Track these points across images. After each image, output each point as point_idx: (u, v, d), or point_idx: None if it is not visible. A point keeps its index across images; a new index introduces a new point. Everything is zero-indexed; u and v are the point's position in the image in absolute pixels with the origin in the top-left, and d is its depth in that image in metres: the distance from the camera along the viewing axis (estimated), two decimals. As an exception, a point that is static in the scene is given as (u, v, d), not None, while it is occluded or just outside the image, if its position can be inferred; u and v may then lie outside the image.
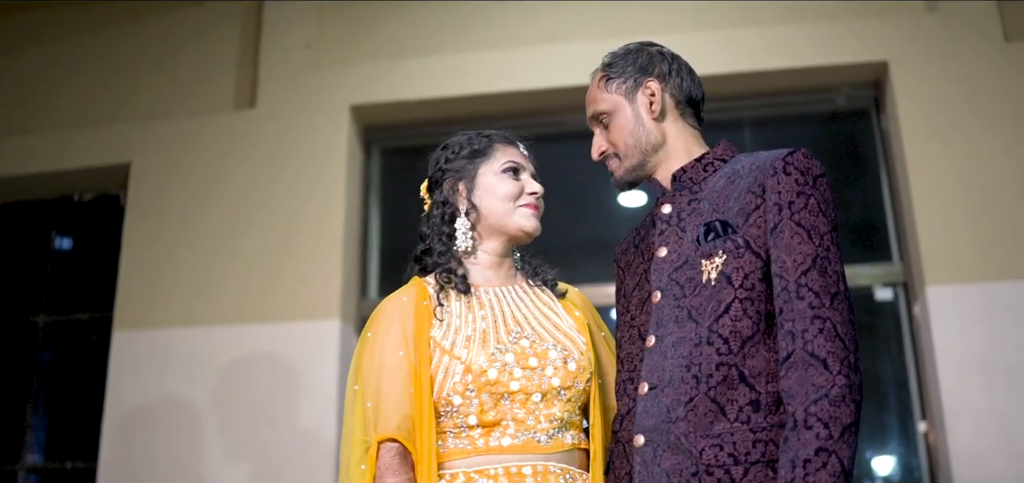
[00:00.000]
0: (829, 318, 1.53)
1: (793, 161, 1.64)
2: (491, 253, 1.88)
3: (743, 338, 1.59)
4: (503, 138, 1.92)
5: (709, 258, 1.64)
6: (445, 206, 1.88)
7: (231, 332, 3.73)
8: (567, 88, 3.92)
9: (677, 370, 1.61)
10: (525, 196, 1.87)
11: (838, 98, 4.00)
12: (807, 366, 1.50)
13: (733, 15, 3.94)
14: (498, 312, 1.80)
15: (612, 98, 1.82)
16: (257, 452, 3.57)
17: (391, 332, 1.75)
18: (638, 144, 1.80)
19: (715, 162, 1.79)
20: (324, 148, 3.92)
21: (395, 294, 1.85)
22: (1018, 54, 3.64)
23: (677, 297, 1.67)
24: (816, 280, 1.55)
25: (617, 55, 1.86)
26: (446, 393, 1.71)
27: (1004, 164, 3.51)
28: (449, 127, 4.11)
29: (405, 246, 4.13)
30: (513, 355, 1.72)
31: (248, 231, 3.85)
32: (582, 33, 4.01)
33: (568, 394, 1.74)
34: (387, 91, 4.01)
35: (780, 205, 1.61)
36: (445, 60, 4.02)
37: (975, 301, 3.38)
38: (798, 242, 1.58)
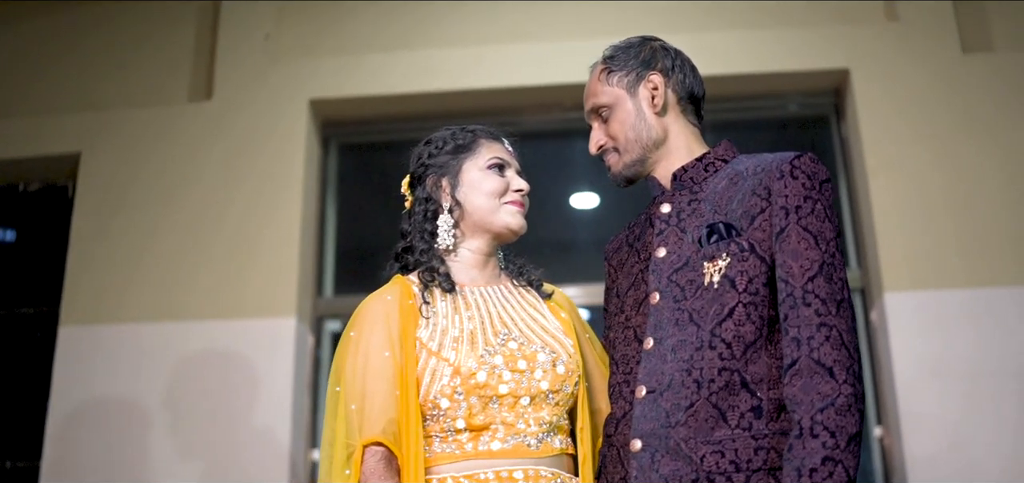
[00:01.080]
0: (835, 326, 1.51)
1: (800, 165, 1.62)
2: (475, 251, 1.83)
3: (746, 343, 1.57)
4: (488, 133, 1.88)
5: (711, 260, 1.61)
6: (427, 203, 1.83)
7: (183, 328, 3.64)
8: (525, 88, 3.92)
9: (677, 374, 1.58)
10: (510, 193, 1.83)
11: (789, 105, 4.03)
12: (812, 374, 1.48)
13: (695, 19, 3.95)
14: (485, 313, 1.75)
15: (613, 91, 1.79)
16: (209, 451, 3.48)
17: (376, 332, 1.68)
18: (639, 139, 1.77)
19: (716, 162, 1.76)
20: (282, 142, 3.85)
21: (378, 292, 1.79)
22: (975, 65, 3.70)
23: (677, 299, 1.64)
24: (822, 287, 1.53)
25: (619, 48, 1.83)
26: (433, 396, 1.66)
27: (961, 173, 3.56)
28: (407, 123, 4.12)
29: (362, 244, 4.17)
30: (502, 357, 1.68)
31: (202, 226, 3.76)
32: (541, 33, 3.99)
33: (556, 398, 1.70)
34: (346, 86, 3.95)
35: (787, 209, 1.58)
36: (405, 56, 3.96)
37: (932, 308, 3.42)
38: (805, 248, 1.55)
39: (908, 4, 3.79)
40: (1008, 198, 3.52)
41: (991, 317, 3.39)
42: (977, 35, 3.81)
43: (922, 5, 3.78)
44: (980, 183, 3.54)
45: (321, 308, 3.91)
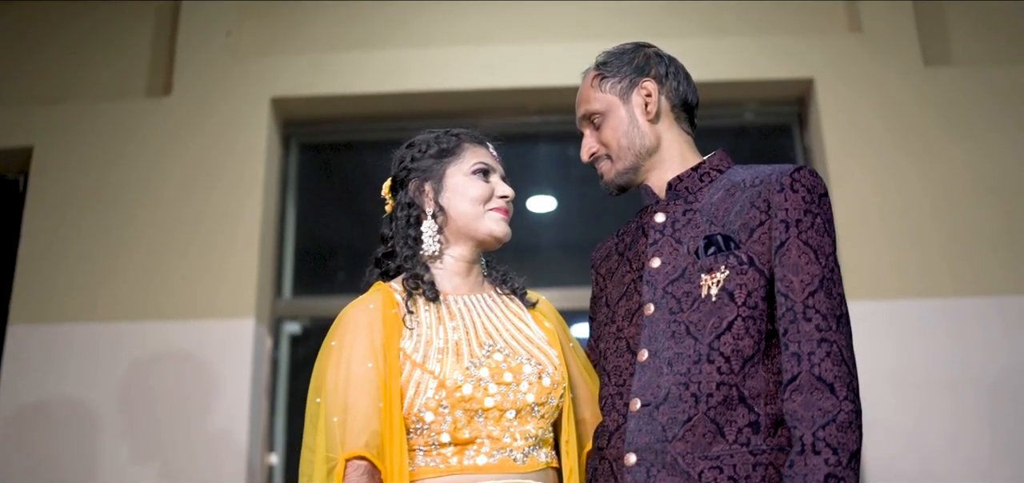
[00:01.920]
0: (835, 342, 1.50)
1: (800, 178, 1.60)
2: (458, 259, 1.78)
3: (744, 357, 1.55)
4: (472, 137, 1.84)
5: (709, 273, 1.59)
6: (410, 208, 1.78)
7: (138, 329, 3.55)
8: (485, 90, 3.89)
9: (675, 388, 1.55)
10: (495, 199, 1.79)
11: (748, 113, 4.05)
12: (813, 389, 1.47)
13: (658, 25, 3.95)
14: (469, 323, 1.71)
15: (606, 98, 1.76)
16: (163, 455, 3.40)
17: (358, 341, 1.63)
18: (632, 146, 1.74)
19: (711, 172, 1.74)
20: (242, 140, 3.77)
21: (360, 300, 1.73)
22: (936, 78, 3.74)
23: (673, 311, 1.61)
24: (823, 302, 1.51)
25: (612, 54, 1.81)
26: (417, 409, 1.61)
27: (921, 185, 3.60)
28: (368, 124, 4.07)
29: (321, 245, 4.12)
30: (488, 370, 1.63)
31: (158, 224, 3.67)
32: (502, 36, 3.97)
33: (542, 410, 1.67)
34: (308, 85, 3.88)
35: (787, 223, 1.57)
36: (368, 56, 3.91)
37: (889, 318, 3.46)
38: (805, 262, 1.54)
39: (871, 15, 3.83)
40: (968, 210, 3.57)
41: (951, 327, 3.44)
42: (937, 48, 3.87)
43: (885, 16, 3.82)
44: (940, 195, 3.58)
45: (280, 309, 3.84)
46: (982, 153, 3.64)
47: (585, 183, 4.13)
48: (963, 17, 3.92)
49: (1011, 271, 3.51)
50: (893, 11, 3.83)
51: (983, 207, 3.57)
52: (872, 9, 3.84)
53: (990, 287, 3.49)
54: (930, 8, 3.93)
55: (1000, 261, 3.52)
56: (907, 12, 3.82)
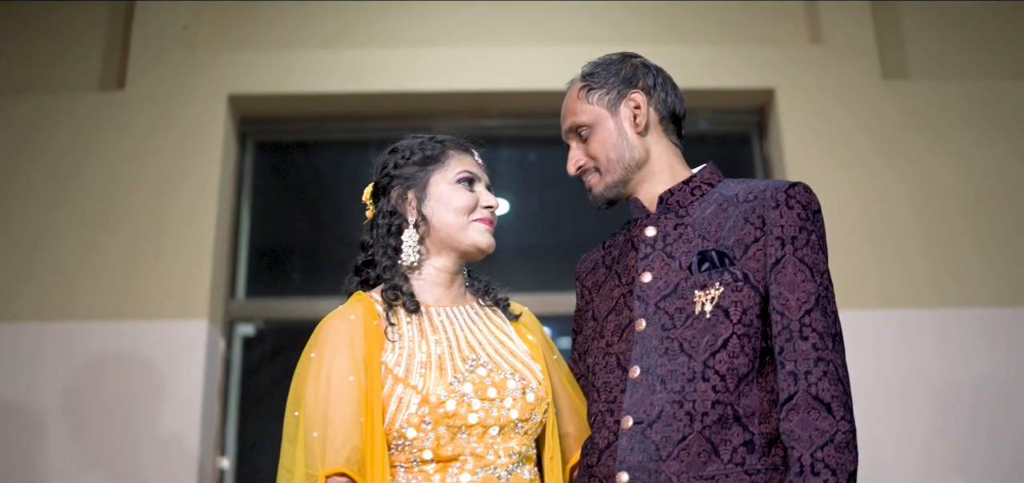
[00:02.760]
0: (831, 361, 1.48)
1: (795, 194, 1.58)
2: (440, 269, 1.73)
3: (739, 375, 1.52)
4: (457, 144, 1.79)
5: (703, 289, 1.56)
6: (392, 216, 1.72)
7: (85, 329, 3.45)
8: (447, 93, 3.86)
9: (669, 406, 1.53)
10: (480, 209, 1.73)
11: (702, 122, 4.06)
12: (810, 409, 1.45)
13: (623, 31, 3.95)
14: (452, 336, 1.66)
15: (593, 110, 1.73)
16: (112, 459, 3.31)
17: (339, 354, 1.57)
18: (621, 159, 1.71)
19: (702, 185, 1.71)
20: (198, 137, 3.69)
21: (340, 311, 1.66)
22: (894, 92, 3.79)
23: (666, 327, 1.58)
24: (819, 320, 1.50)
25: (598, 65, 1.77)
26: (399, 425, 1.55)
27: (878, 196, 3.64)
28: (328, 124, 4.01)
29: (276, 246, 4.04)
30: (471, 385, 1.58)
31: (110, 221, 3.58)
32: (462, 38, 3.94)
33: (525, 427, 1.62)
34: (267, 82, 3.81)
35: (783, 240, 1.55)
36: (328, 55, 3.86)
37: (847, 328, 3.47)
38: (801, 280, 1.52)
39: (832, 27, 3.87)
40: (922, 222, 3.62)
41: (904, 338, 3.47)
42: (896, 62, 3.92)
43: (845, 29, 3.86)
44: (896, 207, 3.62)
45: (233, 311, 3.77)
46: (937, 166, 3.70)
47: (545, 188, 4.11)
48: (920, 32, 3.98)
49: (963, 283, 3.56)
50: (853, 24, 3.87)
51: (937, 219, 3.62)
52: (833, 21, 3.88)
53: (943, 299, 3.53)
54: (889, 22, 3.98)
55: (951, 273, 3.57)
56: (867, 25, 3.86)
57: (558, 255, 4.00)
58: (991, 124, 3.78)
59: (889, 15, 3.99)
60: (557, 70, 3.81)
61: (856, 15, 3.88)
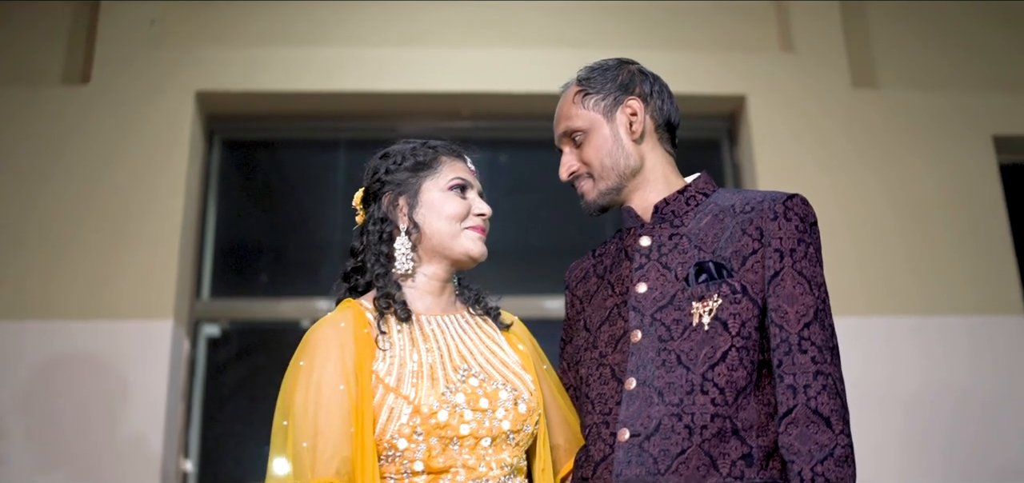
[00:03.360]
0: (830, 374, 1.48)
1: (793, 206, 1.57)
2: (432, 277, 1.70)
3: (738, 388, 1.51)
4: (450, 150, 1.76)
5: (701, 301, 1.55)
6: (384, 223, 1.70)
7: (48, 328, 3.37)
8: (418, 93, 3.83)
9: (667, 418, 1.51)
10: (472, 217, 1.71)
11: None
12: (809, 423, 1.45)
13: (595, 34, 3.95)
14: (443, 345, 1.63)
15: (589, 115, 1.70)
16: (73, 461, 3.23)
17: (329, 362, 1.54)
18: (615, 166, 1.68)
19: (697, 195, 1.69)
20: (164, 134, 3.62)
21: (329, 318, 1.63)
22: (864, 100, 3.83)
23: (663, 339, 1.56)
24: (818, 334, 1.49)
25: (594, 70, 1.74)
26: (390, 436, 1.52)
27: (847, 204, 3.66)
28: (297, 123, 3.97)
29: (243, 246, 3.98)
30: (463, 395, 1.55)
31: (72, 219, 3.50)
32: (437, 39, 3.91)
33: (517, 438, 1.60)
34: (236, 79, 3.75)
35: (781, 252, 1.54)
36: (299, 53, 3.81)
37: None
38: (800, 293, 1.51)
39: (803, 36, 3.89)
40: (891, 230, 3.65)
41: (875, 345, 3.50)
42: (865, 71, 3.96)
43: (816, 38, 3.89)
44: (864, 214, 3.65)
45: (198, 311, 3.71)
46: (905, 175, 3.74)
47: (515, 191, 4.10)
48: (889, 42, 4.03)
49: (931, 291, 3.60)
50: (824, 32, 3.90)
51: (906, 228, 3.66)
52: (804, 29, 3.90)
53: (913, 307, 3.57)
54: (859, 32, 4.01)
55: (919, 281, 3.60)
56: (837, 34, 3.90)
57: (528, 259, 3.99)
58: (958, 134, 3.83)
59: (859, 24, 4.03)
60: (529, 73, 3.85)
61: (827, 23, 3.91)
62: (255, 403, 3.79)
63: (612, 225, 3.87)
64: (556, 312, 3.63)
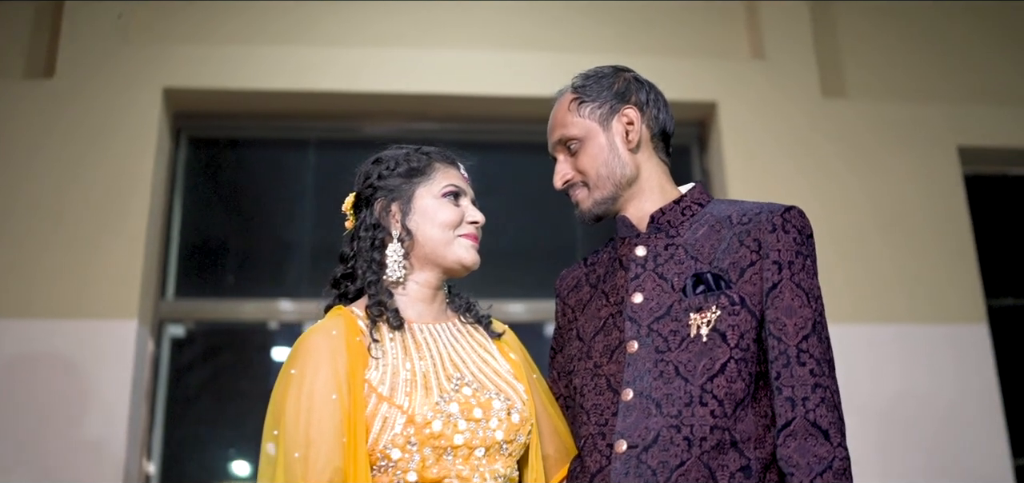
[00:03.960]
0: (828, 387, 1.49)
1: (791, 218, 1.58)
2: (423, 285, 1.69)
3: (736, 400, 1.50)
4: (443, 157, 1.74)
5: (699, 311, 1.54)
6: (376, 230, 1.68)
7: (8, 326, 3.29)
8: (387, 94, 3.80)
9: (665, 430, 1.50)
10: (465, 225, 1.69)
11: None
12: (808, 435, 1.45)
13: (565, 38, 3.95)
14: (436, 354, 1.61)
15: (585, 123, 1.69)
16: (33, 462, 3.16)
17: (321, 371, 1.51)
18: (611, 175, 1.67)
19: (693, 205, 1.69)
20: (130, 130, 3.56)
21: (321, 326, 1.60)
22: (832, 109, 3.87)
23: (660, 350, 1.55)
24: (816, 346, 1.50)
25: (589, 77, 1.73)
26: (383, 446, 1.50)
27: (813, 212, 3.61)
28: (265, 121, 3.92)
29: (208, 245, 3.93)
30: (457, 405, 1.54)
31: (37, 214, 3.42)
32: (406, 40, 3.88)
33: (510, 448, 1.58)
34: (204, 76, 3.70)
35: (780, 264, 1.54)
36: (267, 51, 3.76)
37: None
38: (799, 305, 1.51)
39: (773, 44, 3.92)
40: (855, 238, 3.69)
41: (836, 353, 3.51)
42: (834, 80, 3.99)
43: (786, 46, 3.92)
44: (829, 222, 3.68)
45: (163, 311, 3.66)
46: (872, 184, 3.78)
47: (483, 195, 4.06)
48: (859, 52, 4.07)
49: (895, 301, 3.63)
50: (794, 41, 3.93)
51: (870, 237, 3.70)
52: (775, 38, 3.93)
53: (876, 316, 3.60)
54: (829, 41, 4.05)
55: (888, 289, 3.64)
56: (807, 43, 3.93)
57: (495, 262, 3.96)
58: (924, 144, 3.87)
59: (829, 33, 4.07)
60: (499, 76, 3.85)
61: (797, 31, 3.94)
62: (220, 405, 3.75)
63: (584, 230, 3.88)
64: (520, 316, 3.63)
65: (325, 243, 3.96)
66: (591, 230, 4.01)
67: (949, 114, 3.95)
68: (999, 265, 4.10)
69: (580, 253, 3.98)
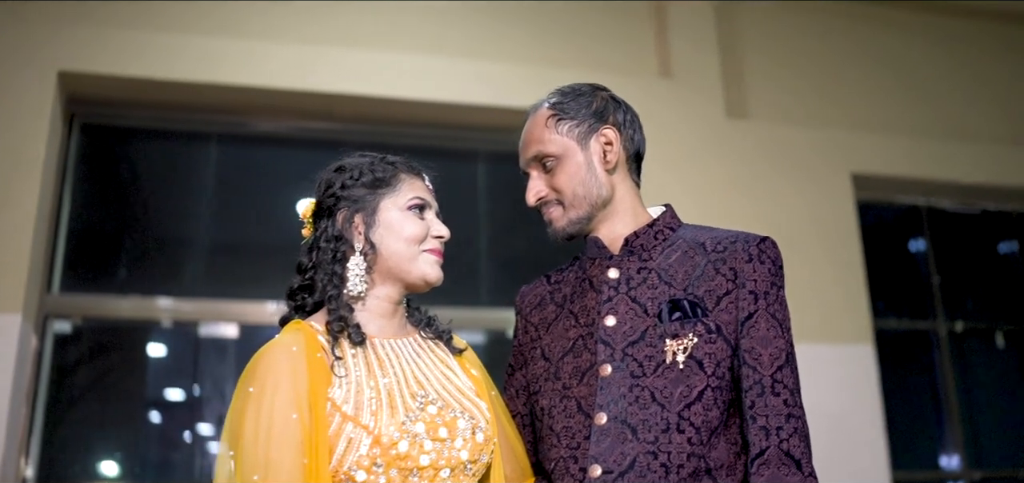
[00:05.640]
0: (800, 417, 1.50)
1: (766, 249, 1.58)
2: (384, 300, 1.63)
3: (711, 428, 1.50)
4: (409, 167, 1.67)
5: (675, 338, 1.53)
6: (338, 242, 1.61)
7: None
8: (293, 91, 3.72)
9: (642, 456, 1.48)
10: (430, 240, 1.64)
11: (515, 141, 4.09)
12: (781, 464, 1.46)
13: (474, 46, 3.95)
14: (399, 370, 1.56)
15: (563, 141, 1.65)
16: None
17: (281, 389, 1.44)
18: (588, 195, 1.64)
19: (665, 230, 1.67)
20: (22, 114, 3.37)
21: (280, 341, 1.53)
22: (735, 130, 3.97)
23: (635, 375, 1.53)
24: (789, 377, 1.51)
25: (566, 94, 1.70)
26: (348, 467, 1.44)
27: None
28: (163, 112, 3.78)
29: (98, 238, 3.78)
30: (423, 424, 1.49)
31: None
32: (317, 37, 3.82)
33: (474, 468, 1.54)
34: (101, 61, 3.54)
35: (756, 294, 1.54)
36: (169, 39, 3.62)
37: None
38: (774, 336, 1.52)
39: (681, 64, 4.00)
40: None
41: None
42: (738, 102, 4.10)
43: (693, 66, 4.00)
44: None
45: (48, 306, 3.49)
46: (769, 205, 3.89)
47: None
48: (762, 76, 4.19)
49: (793, 320, 3.72)
50: (701, 62, 4.01)
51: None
52: (682, 58, 4.01)
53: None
54: (734, 64, 4.15)
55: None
56: (714, 64, 4.02)
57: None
58: (820, 169, 4.01)
59: (735, 56, 4.17)
60: (405, 79, 3.81)
61: (704, 53, 4.03)
62: (106, 406, 3.60)
63: (488, 234, 3.87)
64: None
65: (224, 241, 3.86)
66: (494, 233, 4.01)
67: (844, 141, 4.10)
68: (885, 288, 4.28)
69: (485, 258, 3.97)
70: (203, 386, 3.70)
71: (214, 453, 3.54)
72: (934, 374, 4.44)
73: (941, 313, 4.46)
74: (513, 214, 3.80)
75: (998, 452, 4.51)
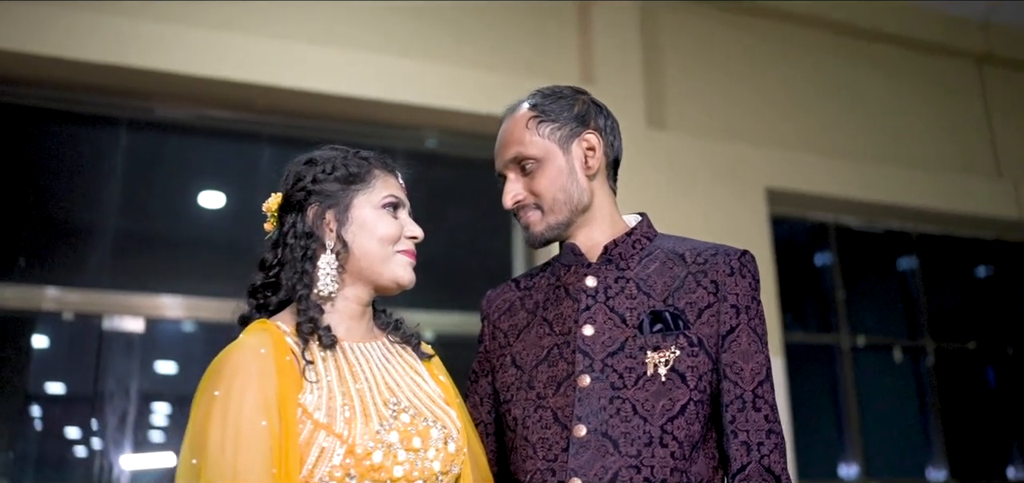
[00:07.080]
0: (779, 433, 1.50)
1: (747, 263, 1.56)
2: (353, 301, 1.55)
3: (693, 442, 1.48)
4: (383, 163, 1.60)
5: (656, 350, 1.50)
6: (309, 239, 1.52)
7: None
8: (213, 79, 3.62)
9: (625, 470, 1.45)
10: (404, 240, 1.57)
11: (428, 140, 4.09)
12: (762, 480, 1.46)
13: (404, 43, 3.91)
14: (370, 376, 1.49)
15: (544, 143, 1.60)
16: None
17: (248, 393, 1.36)
18: (569, 201, 1.59)
19: (642, 239, 1.63)
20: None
21: (246, 342, 1.43)
22: (654, 140, 4.01)
23: (615, 387, 1.49)
24: (768, 392, 1.51)
25: (547, 96, 1.64)
26: (319, 477, 1.37)
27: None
28: (67, 92, 3.61)
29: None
30: (397, 434, 1.42)
31: None
32: (237, 25, 3.73)
33: (446, 479, 1.47)
34: (6, 37, 3.38)
35: (738, 308, 1.52)
36: (84, 18, 3.47)
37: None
38: (755, 350, 1.51)
39: (604, 71, 4.01)
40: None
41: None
42: (658, 112, 4.14)
43: (616, 74, 4.03)
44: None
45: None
46: (685, 216, 3.94)
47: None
48: (682, 88, 4.25)
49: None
50: (624, 69, 4.04)
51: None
52: (605, 64, 4.03)
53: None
54: (656, 74, 4.20)
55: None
56: (636, 74, 4.05)
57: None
58: (735, 183, 4.09)
59: (657, 67, 4.22)
60: (321, 72, 3.73)
61: (627, 61, 4.06)
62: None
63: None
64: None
65: (131, 230, 3.72)
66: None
67: (760, 157, 4.18)
68: (793, 301, 4.38)
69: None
70: (106, 381, 3.54)
71: (113, 452, 3.40)
72: (836, 386, 4.57)
73: (845, 327, 4.60)
74: (425, 214, 3.76)
75: (893, 461, 4.68)
